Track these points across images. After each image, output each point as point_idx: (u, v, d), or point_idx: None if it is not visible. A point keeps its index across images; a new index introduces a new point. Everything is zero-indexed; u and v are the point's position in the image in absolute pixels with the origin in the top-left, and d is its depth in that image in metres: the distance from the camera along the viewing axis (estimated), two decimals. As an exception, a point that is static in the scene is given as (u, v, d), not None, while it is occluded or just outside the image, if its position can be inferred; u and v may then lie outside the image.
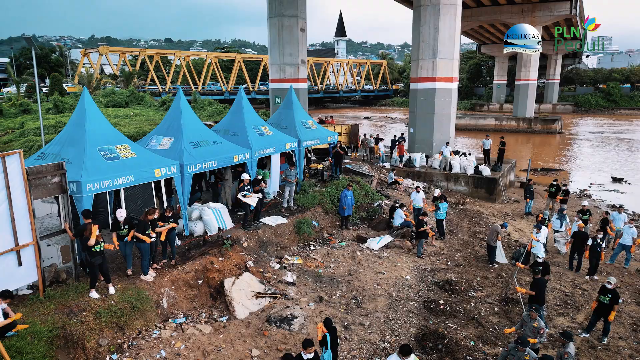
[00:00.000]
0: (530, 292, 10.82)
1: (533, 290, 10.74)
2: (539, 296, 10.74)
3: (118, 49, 70.93)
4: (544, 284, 10.92)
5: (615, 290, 10.55)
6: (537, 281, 10.84)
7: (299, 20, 28.38)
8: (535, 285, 10.79)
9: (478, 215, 19.99)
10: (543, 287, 10.82)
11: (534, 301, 10.82)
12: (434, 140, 25.17)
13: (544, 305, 11.07)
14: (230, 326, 10.23)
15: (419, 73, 25.16)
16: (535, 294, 10.74)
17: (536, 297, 10.76)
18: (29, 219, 8.78)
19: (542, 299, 10.81)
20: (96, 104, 11.88)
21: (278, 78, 29.23)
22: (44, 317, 8.39)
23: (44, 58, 73.71)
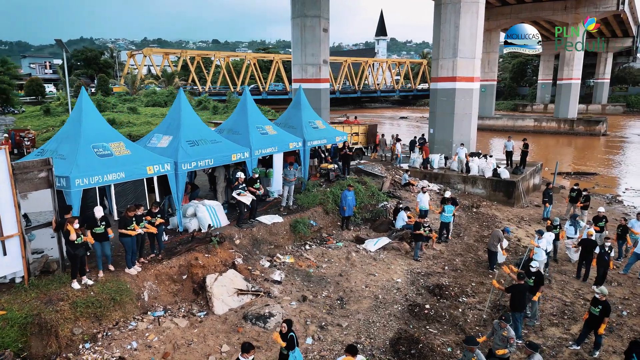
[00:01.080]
0: (501, 287, 10.81)
1: (509, 292, 10.54)
2: (517, 302, 10.38)
3: (161, 51, 73.49)
4: (524, 291, 10.49)
5: (606, 302, 10.00)
6: (515, 287, 10.48)
7: (321, 21, 28.43)
8: (514, 290, 10.46)
9: (491, 219, 19.36)
10: (522, 293, 10.42)
11: (514, 308, 10.47)
12: (453, 142, 24.58)
13: (528, 313, 10.66)
14: (206, 321, 10.45)
15: (439, 73, 24.64)
16: (514, 300, 10.42)
17: (515, 304, 10.42)
18: (15, 211, 9.33)
19: (521, 305, 10.42)
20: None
21: (300, 78, 29.40)
22: (22, 305, 8.89)
23: (94, 60, 77.31)
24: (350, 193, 15.68)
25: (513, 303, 10.58)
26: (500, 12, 53.27)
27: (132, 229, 10.55)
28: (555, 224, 15.13)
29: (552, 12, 50.60)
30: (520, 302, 10.44)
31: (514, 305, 10.56)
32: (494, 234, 14.32)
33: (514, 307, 10.58)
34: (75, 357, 8.70)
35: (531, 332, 11.16)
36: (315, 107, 28.07)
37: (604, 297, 9.88)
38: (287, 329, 7.93)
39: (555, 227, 15.07)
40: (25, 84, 60.58)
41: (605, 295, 9.92)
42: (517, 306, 10.50)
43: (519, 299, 10.43)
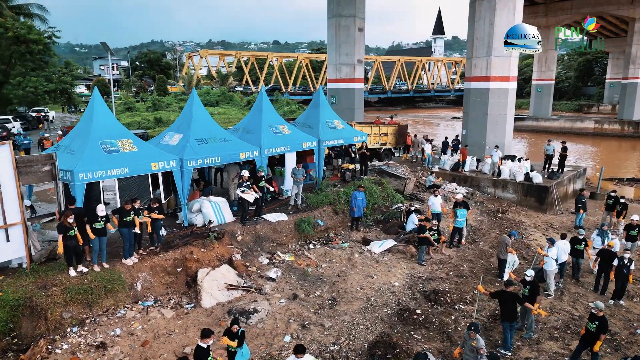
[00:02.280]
0: (486, 292, 10.46)
1: (494, 298, 10.27)
2: (505, 311, 9.97)
3: (217, 52, 76.18)
4: (511, 299, 9.98)
5: (603, 317, 9.32)
6: (501, 293, 10.05)
7: (357, 20, 28.36)
8: (500, 297, 10.06)
9: (516, 225, 18.48)
10: (509, 302, 9.94)
11: (503, 317, 10.05)
12: (486, 144, 23.67)
13: (514, 321, 10.15)
14: (192, 313, 10.82)
15: (472, 72, 23.82)
16: (502, 309, 10.02)
17: (504, 313, 10.02)
18: (18, 202, 10.14)
19: (509, 315, 9.95)
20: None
21: (334, 78, 29.51)
22: (18, 288, 9.65)
23: (156, 61, 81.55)
24: (361, 194, 15.57)
25: (502, 312, 10.14)
26: (561, 8, 50.50)
27: (131, 220, 11.09)
28: (580, 237, 13.86)
29: (617, 7, 47.37)
30: (508, 311, 9.97)
31: (503, 314, 10.11)
32: (502, 241, 13.70)
33: (503, 317, 10.13)
34: (61, 339, 9.33)
35: (525, 344, 10.60)
36: (348, 107, 28.22)
37: (600, 313, 9.22)
38: (237, 328, 8.09)
39: (580, 242, 13.80)
40: (92, 84, 64.93)
41: (601, 311, 9.25)
42: (505, 315, 10.04)
43: (507, 307, 9.97)
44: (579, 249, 13.72)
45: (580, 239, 13.78)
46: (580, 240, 13.76)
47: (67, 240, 10.09)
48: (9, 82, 39.00)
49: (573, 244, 13.74)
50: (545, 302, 12.45)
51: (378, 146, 24.81)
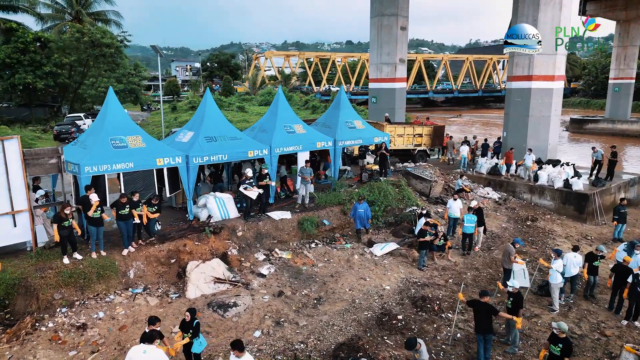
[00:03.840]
0: (464, 300, 10.15)
1: (470, 307, 9.90)
2: (479, 323, 9.52)
3: (282, 53, 77.98)
4: (485, 310, 9.44)
5: (568, 339, 8.54)
6: (474, 303, 9.63)
7: (399, 19, 27.86)
8: (474, 307, 9.64)
9: (544, 234, 17.29)
10: (482, 311, 9.44)
11: (476, 329, 9.65)
12: (527, 146, 22.27)
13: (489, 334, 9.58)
14: (175, 303, 11.36)
15: (514, 71, 22.52)
16: (476, 320, 9.59)
17: (477, 324, 9.60)
18: (25, 191, 11.23)
19: (482, 327, 9.45)
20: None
21: (375, 78, 29.20)
22: (18, 269, 10.68)
23: (225, 63, 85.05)
24: (362, 205, 15.11)
25: (475, 323, 9.67)
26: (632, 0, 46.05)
27: (127, 213, 11.82)
28: (598, 253, 12.65)
29: None
30: (481, 323, 9.46)
31: (476, 325, 9.65)
32: (506, 250, 12.93)
33: (476, 328, 9.65)
34: (49, 318, 10.21)
35: (508, 360, 9.99)
36: (389, 107, 27.86)
37: (563, 334, 8.46)
38: (190, 317, 8.36)
39: (597, 259, 12.61)
40: (165, 84, 69.17)
41: (564, 332, 8.47)
42: (478, 327, 9.57)
43: (480, 318, 9.48)
44: (595, 265, 12.60)
45: (597, 255, 12.61)
46: (598, 257, 12.61)
47: (61, 229, 10.97)
48: (84, 83, 42.70)
49: (590, 261, 12.62)
50: (546, 318, 11.64)
51: (412, 147, 24.22)
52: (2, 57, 38.68)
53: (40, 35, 41.48)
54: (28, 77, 39.56)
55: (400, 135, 23.89)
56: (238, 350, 7.17)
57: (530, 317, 11.66)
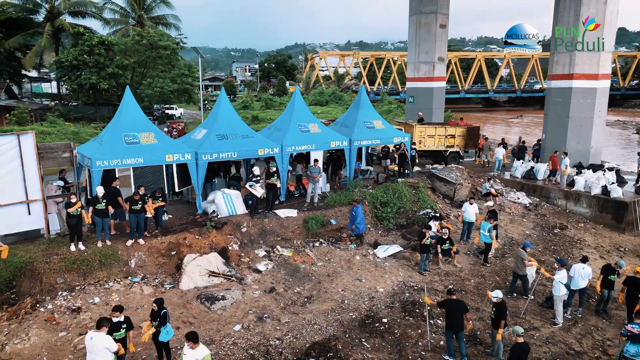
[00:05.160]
0: (433, 303, 10.10)
1: (441, 308, 9.82)
2: (451, 321, 9.48)
3: (337, 53, 78.24)
4: (456, 307, 9.37)
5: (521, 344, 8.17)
6: (447, 302, 9.56)
7: (438, 17, 27.12)
8: (447, 306, 9.54)
9: (572, 243, 16.17)
10: (453, 309, 9.39)
11: (448, 327, 9.59)
12: (567, 150, 20.91)
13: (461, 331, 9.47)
14: (167, 293, 11.82)
15: (554, 69, 21.22)
16: (448, 318, 9.53)
17: (449, 322, 9.56)
18: (39, 182, 12.17)
19: (454, 324, 9.42)
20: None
21: (413, 77, 28.62)
22: (28, 253, 11.59)
23: (282, 63, 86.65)
24: (355, 209, 14.65)
25: (447, 321, 9.56)
26: None
27: (138, 209, 12.46)
28: (619, 269, 11.67)
29: None
30: (454, 321, 9.41)
31: (448, 324, 9.55)
32: (517, 256, 12.25)
33: (448, 326, 9.57)
34: (49, 300, 11.01)
35: (489, 373, 9.52)
36: (426, 107, 27.29)
37: (521, 339, 8.07)
38: (157, 307, 8.67)
39: (614, 272, 11.62)
40: (222, 85, 71.65)
41: (520, 336, 8.17)
42: (450, 325, 9.50)
43: (453, 317, 9.43)
44: (611, 279, 11.64)
45: (614, 269, 11.65)
46: (615, 271, 11.64)
47: (69, 218, 11.79)
48: (142, 83, 45.22)
49: (606, 273, 11.68)
50: (545, 331, 10.95)
51: (443, 148, 23.50)
52: (70, 59, 41.83)
53: (105, 39, 44.38)
54: (93, 77, 42.44)
55: (431, 136, 23.29)
56: (192, 341, 7.32)
57: (529, 329, 11.00)
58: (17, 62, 46.90)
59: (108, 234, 12.58)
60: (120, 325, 8.24)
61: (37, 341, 9.68)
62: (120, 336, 8.04)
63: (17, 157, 11.82)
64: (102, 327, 7.54)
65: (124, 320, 8.31)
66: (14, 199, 11.93)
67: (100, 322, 7.57)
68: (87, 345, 7.63)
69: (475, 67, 77.18)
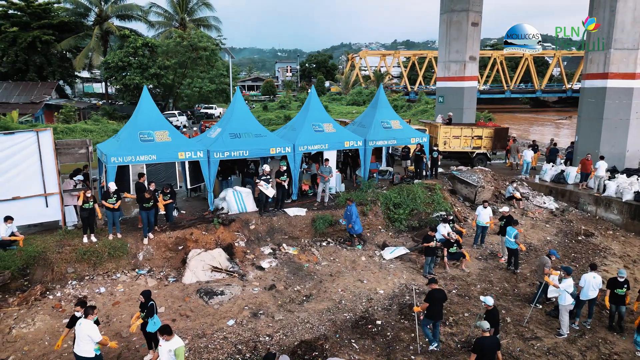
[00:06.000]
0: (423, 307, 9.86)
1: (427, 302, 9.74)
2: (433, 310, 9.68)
3: (377, 53, 77.63)
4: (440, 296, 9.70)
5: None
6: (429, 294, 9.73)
7: (470, 15, 26.41)
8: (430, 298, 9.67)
9: (595, 252, 15.33)
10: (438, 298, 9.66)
11: (429, 316, 9.77)
12: (600, 153, 19.85)
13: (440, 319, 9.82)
14: (170, 286, 12.19)
15: (587, 68, 20.19)
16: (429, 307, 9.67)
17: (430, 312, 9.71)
18: (56, 176, 12.87)
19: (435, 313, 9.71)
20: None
21: (443, 76, 27.99)
22: (43, 243, 12.27)
23: (323, 63, 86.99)
24: (349, 207, 14.40)
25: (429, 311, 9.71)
26: None
27: (149, 206, 12.94)
28: (620, 279, 10.69)
29: None
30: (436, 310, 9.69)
31: (431, 313, 9.72)
32: (540, 263, 11.68)
33: (431, 316, 9.74)
34: (59, 289, 11.62)
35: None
36: (456, 107, 26.74)
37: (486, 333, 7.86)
38: (144, 299, 8.95)
39: (620, 286, 10.65)
40: (262, 85, 72.84)
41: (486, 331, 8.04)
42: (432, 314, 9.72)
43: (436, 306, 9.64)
44: (619, 294, 10.74)
45: (620, 281, 10.76)
46: (622, 284, 10.75)
47: (82, 211, 12.39)
48: (182, 83, 46.70)
49: (612, 288, 10.83)
50: (548, 341, 10.46)
51: (469, 150, 22.87)
52: (116, 61, 43.84)
53: (148, 41, 46.21)
54: (136, 78, 44.31)
55: (456, 137, 22.73)
56: (166, 334, 7.52)
57: (530, 338, 10.56)
58: (69, 64, 49.57)
59: (119, 228, 13.11)
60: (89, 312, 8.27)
61: (42, 326, 10.24)
62: None
63: (35, 153, 12.56)
64: (89, 315, 7.87)
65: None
66: (33, 192, 12.68)
67: (86, 310, 7.90)
68: (76, 330, 7.99)
69: (522, 66, 74.47)
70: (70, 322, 8.31)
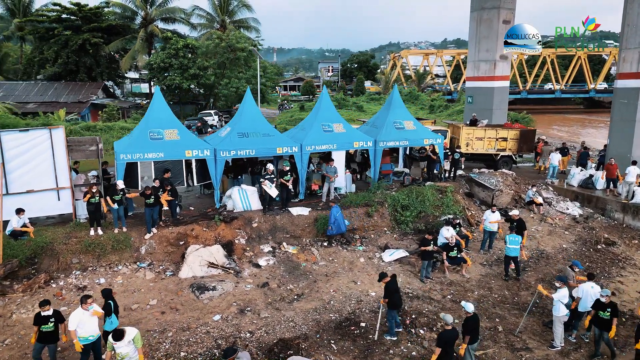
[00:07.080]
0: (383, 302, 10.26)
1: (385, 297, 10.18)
2: (394, 299, 10.17)
3: (420, 52, 76.33)
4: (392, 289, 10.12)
5: None
6: (385, 287, 10.20)
7: (501, 12, 25.41)
8: (386, 290, 10.14)
9: (615, 262, 14.42)
10: (390, 291, 10.11)
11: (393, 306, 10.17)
12: (632, 157, 18.65)
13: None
14: (166, 280, 12.58)
15: (621, 67, 19.02)
16: (390, 298, 10.14)
17: (391, 302, 10.15)
18: (67, 171, 13.58)
19: (396, 302, 10.21)
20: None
21: (472, 76, 27.17)
22: (52, 234, 12.98)
23: (364, 63, 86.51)
24: (332, 209, 14.34)
25: (391, 302, 10.14)
26: None
27: (151, 202, 13.42)
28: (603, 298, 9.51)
29: None
30: (396, 299, 10.23)
31: (392, 303, 10.16)
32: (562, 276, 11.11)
33: (393, 306, 10.20)
34: (63, 278, 12.25)
35: (452, 390, 8.92)
36: (485, 107, 26.02)
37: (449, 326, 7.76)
38: (104, 298, 9.13)
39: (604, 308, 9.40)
40: (302, 85, 73.38)
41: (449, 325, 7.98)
42: (394, 304, 10.20)
43: (396, 296, 10.24)
44: (603, 317, 9.48)
45: (604, 303, 9.49)
46: (605, 306, 9.47)
47: (89, 205, 13.01)
48: (220, 84, 47.83)
49: (597, 309, 9.70)
50: (539, 353, 9.99)
51: (494, 152, 22.09)
52: (158, 62, 45.53)
53: (189, 42, 47.65)
54: (177, 78, 45.84)
55: (480, 139, 22.04)
56: (118, 341, 7.62)
57: (520, 349, 10.12)
58: (117, 65, 51.97)
59: (124, 222, 13.66)
60: (48, 319, 8.49)
61: (40, 313, 10.84)
62: (49, 329, 8.44)
63: (48, 149, 13.31)
64: (83, 305, 8.37)
65: (52, 314, 8.57)
66: (46, 186, 13.44)
67: (81, 299, 8.45)
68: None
69: (574, 65, 70.88)
70: (36, 321, 8.50)
